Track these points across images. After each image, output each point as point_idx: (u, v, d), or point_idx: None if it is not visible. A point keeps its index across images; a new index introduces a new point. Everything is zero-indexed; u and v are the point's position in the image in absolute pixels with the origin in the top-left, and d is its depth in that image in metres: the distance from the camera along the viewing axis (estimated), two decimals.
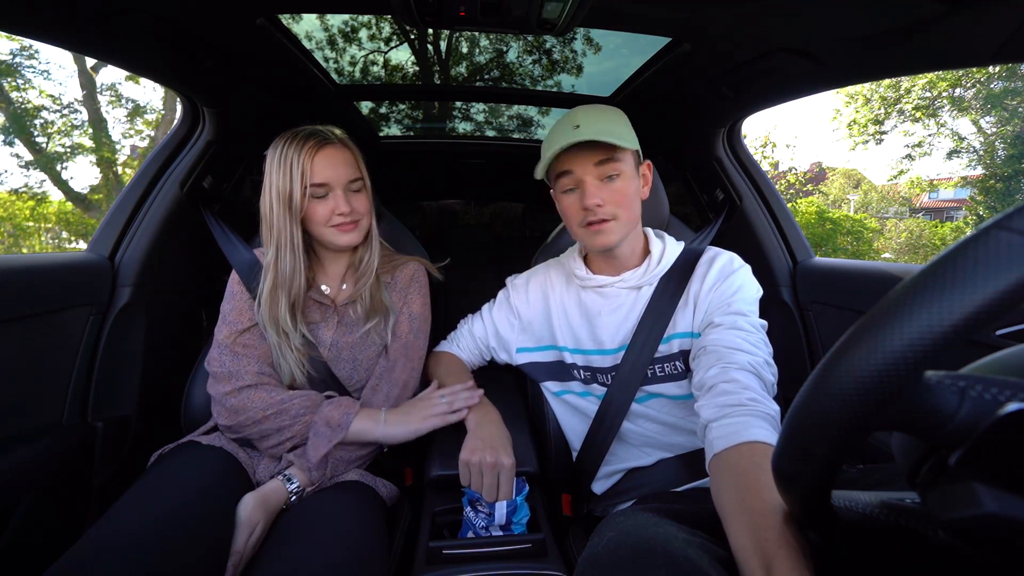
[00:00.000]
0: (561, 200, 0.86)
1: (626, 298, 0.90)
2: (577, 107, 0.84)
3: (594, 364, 0.91)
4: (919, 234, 11.43)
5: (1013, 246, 0.25)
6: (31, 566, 0.81)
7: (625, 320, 0.89)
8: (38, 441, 0.86)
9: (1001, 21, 0.66)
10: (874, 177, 20.54)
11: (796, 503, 0.40)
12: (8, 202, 8.22)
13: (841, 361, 0.29)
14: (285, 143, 0.83)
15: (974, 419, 0.28)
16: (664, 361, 0.85)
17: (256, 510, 0.73)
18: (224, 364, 0.84)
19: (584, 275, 0.92)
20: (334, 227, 0.87)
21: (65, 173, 8.82)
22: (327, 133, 0.86)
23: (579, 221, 0.83)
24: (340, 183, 0.85)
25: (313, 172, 0.82)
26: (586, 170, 0.79)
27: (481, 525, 0.78)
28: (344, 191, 0.86)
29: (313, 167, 0.82)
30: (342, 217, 0.86)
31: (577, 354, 0.93)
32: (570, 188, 0.83)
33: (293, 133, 0.85)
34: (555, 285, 0.98)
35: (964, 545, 0.31)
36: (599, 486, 0.93)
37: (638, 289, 0.89)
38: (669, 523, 0.56)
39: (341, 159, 0.86)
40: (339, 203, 0.85)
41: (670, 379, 0.85)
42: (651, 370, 0.86)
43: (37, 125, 8.02)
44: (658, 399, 0.87)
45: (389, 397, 0.91)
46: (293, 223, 0.84)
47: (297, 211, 0.83)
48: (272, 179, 0.83)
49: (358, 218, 0.89)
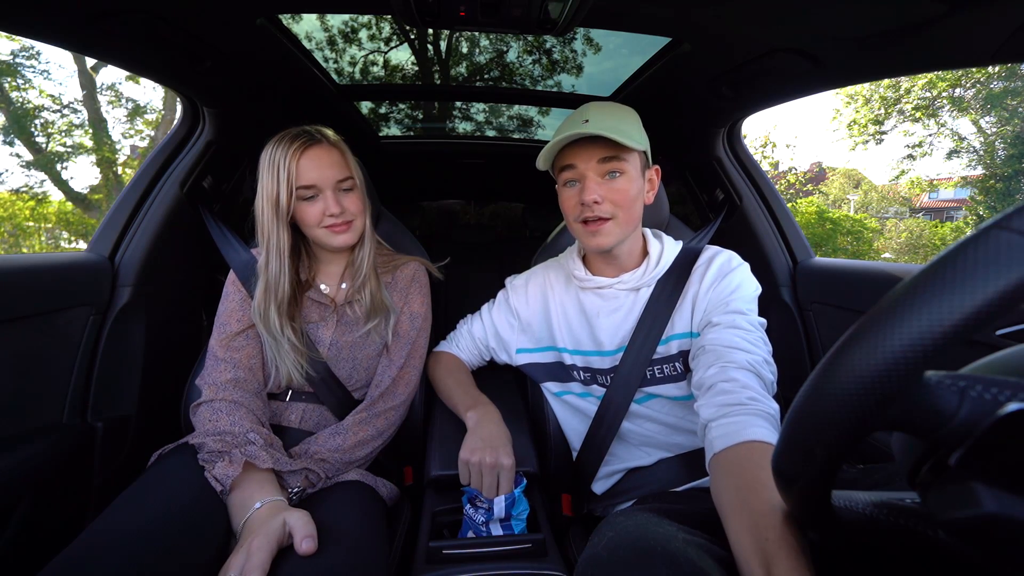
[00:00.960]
0: (561, 192, 0.86)
1: (625, 299, 0.90)
2: (591, 102, 0.85)
3: (593, 365, 0.91)
4: (919, 234, 11.43)
5: (1013, 246, 0.25)
6: (31, 566, 0.81)
7: (624, 321, 0.89)
8: (38, 441, 0.86)
9: (1001, 21, 0.66)
10: (874, 177, 20.54)
11: (796, 503, 0.40)
12: (8, 202, 8.22)
13: (841, 361, 0.29)
14: (274, 145, 0.83)
15: (974, 419, 0.28)
16: (663, 362, 0.85)
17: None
18: (206, 371, 0.85)
19: (583, 276, 0.92)
20: (326, 228, 0.86)
21: (65, 173, 8.81)
22: (314, 133, 0.86)
23: (575, 216, 0.83)
24: (328, 184, 0.84)
25: (299, 174, 0.82)
26: (589, 165, 0.79)
27: (481, 520, 0.78)
28: (334, 191, 0.85)
29: (299, 169, 0.82)
30: (333, 218, 0.85)
31: (576, 355, 0.93)
32: (571, 181, 0.82)
33: (282, 135, 0.84)
34: (554, 286, 0.98)
35: (964, 545, 0.31)
36: (599, 486, 0.93)
37: (636, 291, 0.89)
38: (669, 523, 0.56)
39: (328, 160, 0.85)
40: (329, 204, 0.84)
41: (669, 380, 0.85)
42: (650, 371, 0.86)
43: (37, 125, 8.02)
44: (658, 399, 0.87)
45: (342, 447, 0.85)
46: (280, 226, 0.83)
47: (284, 213, 0.82)
48: (263, 182, 0.83)
49: (350, 219, 0.88)
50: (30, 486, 0.83)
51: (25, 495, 0.82)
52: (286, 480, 0.78)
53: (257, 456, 0.73)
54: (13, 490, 0.80)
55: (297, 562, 0.63)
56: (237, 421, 0.79)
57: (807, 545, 0.46)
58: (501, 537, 0.76)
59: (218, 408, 0.80)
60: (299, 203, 0.84)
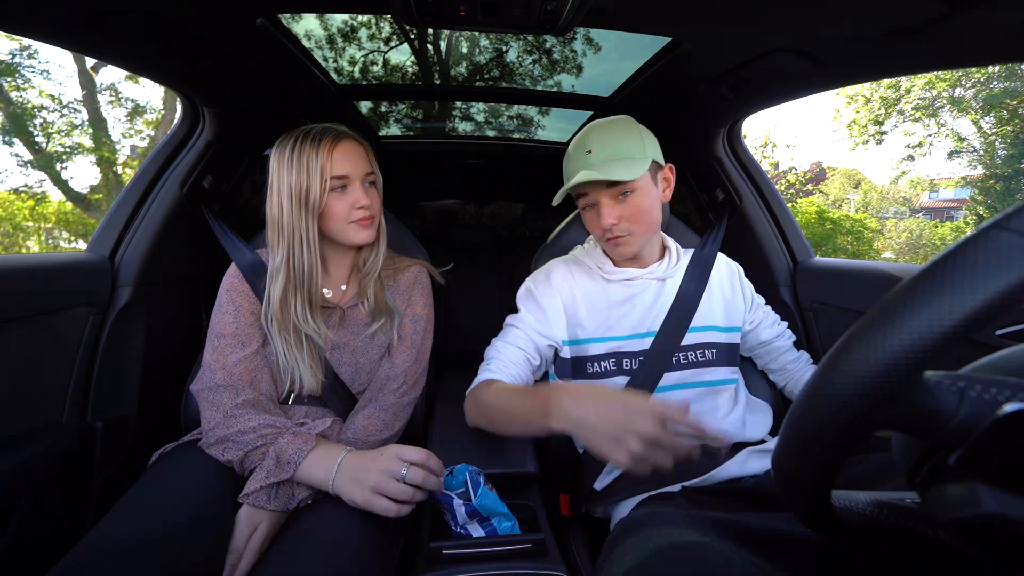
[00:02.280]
0: (584, 215, 0.93)
1: (655, 287, 0.95)
2: (590, 125, 0.90)
3: (623, 349, 0.92)
4: (919, 234, 11.44)
5: (1012, 246, 0.25)
6: (31, 566, 0.81)
7: (653, 306, 0.93)
8: (38, 441, 0.86)
9: (1001, 21, 0.66)
10: (874, 177, 20.53)
11: (796, 503, 0.40)
12: (8, 202, 8.22)
13: (841, 361, 0.29)
14: (297, 141, 0.83)
15: (974, 419, 0.28)
16: (690, 349, 0.91)
17: (259, 510, 0.73)
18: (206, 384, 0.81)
19: (611, 268, 0.95)
20: (354, 223, 0.86)
21: (65, 173, 8.81)
22: (340, 129, 0.87)
23: (600, 236, 0.91)
24: (359, 175, 0.86)
25: (333, 165, 0.83)
26: (600, 192, 0.85)
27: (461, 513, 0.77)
28: (362, 184, 0.87)
29: (333, 160, 0.83)
30: (363, 211, 0.86)
31: (604, 342, 0.92)
32: (589, 205, 0.89)
33: (304, 131, 0.84)
34: (577, 279, 0.97)
35: (964, 545, 0.31)
36: (600, 482, 0.93)
37: (663, 280, 0.95)
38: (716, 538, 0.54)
39: (357, 152, 0.87)
40: (359, 196, 0.85)
41: (695, 366, 0.91)
42: (677, 357, 0.90)
43: (36, 125, 8.01)
44: (679, 389, 0.90)
45: (372, 417, 0.87)
46: (310, 220, 0.83)
47: (315, 207, 0.82)
48: (283, 178, 0.82)
49: (374, 214, 0.89)
50: (30, 486, 0.83)
51: (25, 495, 0.82)
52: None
53: (314, 429, 0.82)
54: (13, 490, 0.80)
55: (303, 561, 0.63)
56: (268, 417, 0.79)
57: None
58: (501, 537, 0.76)
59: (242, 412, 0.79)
60: (328, 195, 0.84)
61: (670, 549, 0.52)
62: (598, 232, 0.89)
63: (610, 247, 0.90)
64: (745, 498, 0.75)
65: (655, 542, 0.54)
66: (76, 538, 0.62)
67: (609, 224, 0.85)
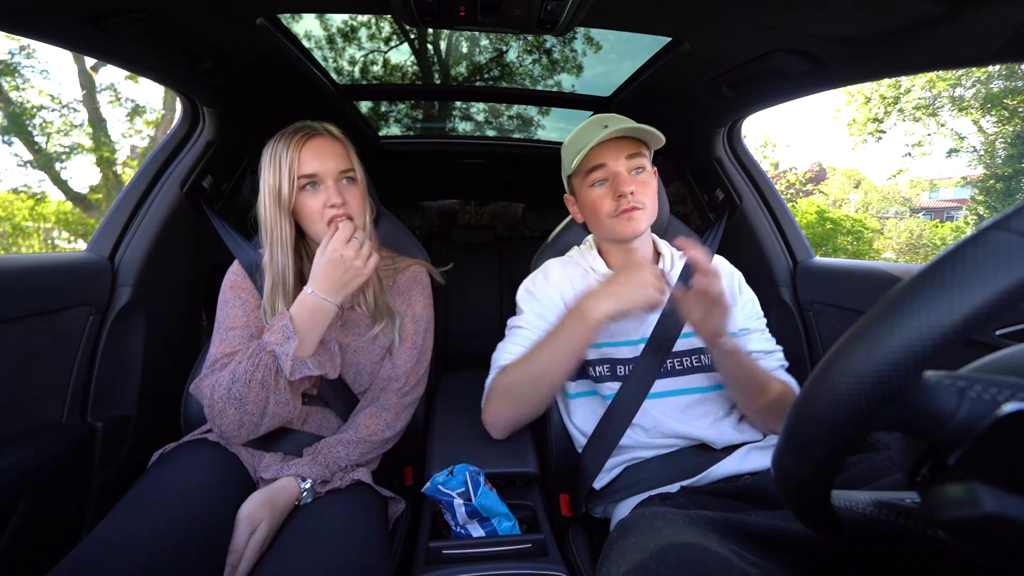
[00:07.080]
0: (589, 194, 0.91)
1: None
2: (598, 115, 0.92)
3: (616, 355, 0.92)
4: (919, 234, 11.44)
5: (1011, 247, 0.25)
6: (31, 566, 0.81)
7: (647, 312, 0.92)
8: (38, 441, 0.86)
9: (1001, 21, 0.66)
10: (874, 177, 20.54)
11: (796, 503, 0.40)
12: (7, 201, 8.21)
13: (841, 361, 0.29)
14: (276, 140, 0.83)
15: (973, 419, 0.28)
16: (683, 355, 0.91)
17: (260, 508, 0.72)
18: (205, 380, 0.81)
19: (605, 271, 0.95)
20: (329, 223, 0.86)
21: (64, 173, 8.81)
22: (315, 126, 0.86)
23: (610, 211, 0.88)
24: (330, 173, 0.84)
25: (301, 163, 0.82)
26: (619, 162, 0.86)
27: (461, 513, 0.78)
28: (335, 182, 0.84)
29: (301, 158, 0.82)
30: (334, 209, 0.83)
31: (599, 348, 0.93)
32: (601, 180, 0.88)
33: (284, 130, 0.85)
34: (573, 279, 0.97)
35: (964, 545, 0.31)
36: (599, 481, 0.93)
37: None
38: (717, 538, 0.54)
39: (331, 150, 0.85)
40: (330, 194, 0.83)
41: (688, 372, 0.90)
42: (670, 362, 0.90)
43: (36, 124, 8.00)
44: (671, 394, 0.90)
45: (353, 440, 0.86)
46: (283, 218, 0.83)
47: (286, 205, 0.82)
48: (265, 177, 0.83)
49: (351, 212, 0.86)
50: (30, 486, 0.83)
51: (25, 495, 0.82)
52: (302, 472, 0.79)
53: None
54: (13, 490, 0.80)
55: (303, 560, 0.63)
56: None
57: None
58: (501, 537, 0.76)
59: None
60: (300, 194, 0.83)
61: (670, 549, 0.52)
62: (610, 206, 0.87)
63: (621, 223, 0.87)
64: (745, 497, 0.75)
65: (655, 542, 0.54)
66: (76, 538, 0.62)
67: (628, 190, 0.84)
